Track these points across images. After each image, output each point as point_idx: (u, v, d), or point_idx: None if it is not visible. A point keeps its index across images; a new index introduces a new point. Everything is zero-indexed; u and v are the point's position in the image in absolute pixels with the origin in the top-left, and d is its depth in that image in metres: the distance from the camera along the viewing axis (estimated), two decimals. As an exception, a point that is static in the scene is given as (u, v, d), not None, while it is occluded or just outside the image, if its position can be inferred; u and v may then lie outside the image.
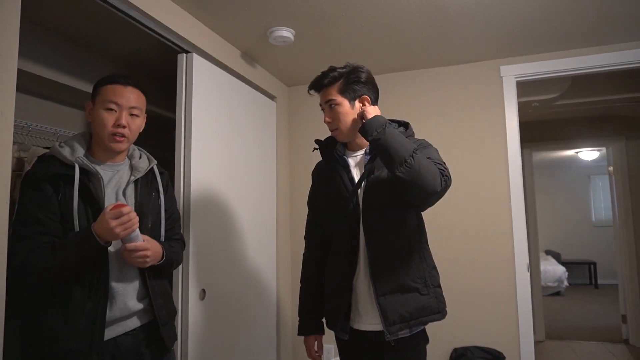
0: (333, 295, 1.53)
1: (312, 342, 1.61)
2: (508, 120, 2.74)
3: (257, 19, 2.18)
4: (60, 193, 1.27)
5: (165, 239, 1.50)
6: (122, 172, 1.45)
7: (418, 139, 1.54)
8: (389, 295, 1.41)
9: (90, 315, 1.25)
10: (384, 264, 1.43)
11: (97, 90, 1.40)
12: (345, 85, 1.47)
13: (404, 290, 1.42)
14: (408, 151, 1.29)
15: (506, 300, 2.64)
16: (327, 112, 1.51)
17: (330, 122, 1.50)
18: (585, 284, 8.00)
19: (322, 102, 1.52)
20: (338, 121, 1.48)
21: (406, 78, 2.98)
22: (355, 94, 1.48)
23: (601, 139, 4.58)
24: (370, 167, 1.48)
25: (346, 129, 1.49)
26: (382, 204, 1.45)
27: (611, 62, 2.57)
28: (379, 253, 1.44)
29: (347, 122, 1.48)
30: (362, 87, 1.49)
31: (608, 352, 4.10)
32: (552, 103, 3.73)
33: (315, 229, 1.68)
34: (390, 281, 1.42)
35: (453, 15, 2.19)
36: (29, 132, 1.89)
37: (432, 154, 1.44)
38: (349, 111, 1.47)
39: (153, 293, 1.41)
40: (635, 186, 4.33)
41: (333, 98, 1.47)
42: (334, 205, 1.54)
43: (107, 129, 1.36)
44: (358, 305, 1.47)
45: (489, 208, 2.73)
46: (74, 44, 2.28)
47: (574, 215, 8.35)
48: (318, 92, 1.53)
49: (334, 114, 1.48)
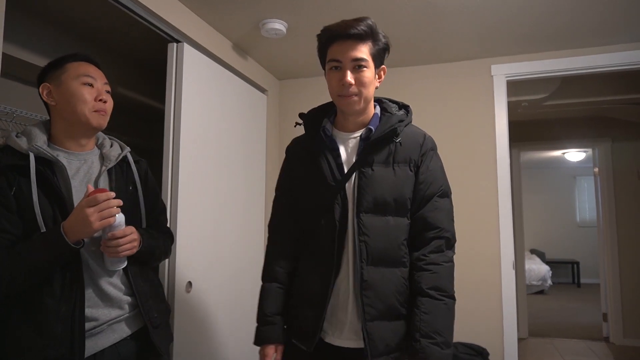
0: (306, 304, 1.27)
1: (271, 353, 1.30)
2: (497, 119, 2.75)
3: (249, 10, 2.15)
4: (15, 186, 1.11)
5: None
6: (92, 162, 1.28)
7: (425, 141, 1.32)
8: (379, 320, 1.19)
9: (66, 319, 1.10)
10: (376, 279, 1.20)
11: (62, 67, 1.24)
12: (374, 45, 1.22)
13: (393, 316, 1.21)
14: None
15: (491, 297, 2.67)
16: (349, 72, 1.20)
17: (353, 85, 1.21)
18: (568, 282, 8.14)
19: (343, 58, 1.20)
20: (362, 86, 1.21)
21: (396, 74, 2.97)
22: (380, 61, 1.26)
23: (587, 140, 4.64)
24: (364, 157, 1.25)
25: (366, 99, 1.24)
26: (378, 204, 1.23)
27: (600, 64, 2.59)
28: (370, 261, 1.21)
29: (370, 92, 1.24)
30: (385, 56, 1.27)
31: (589, 349, 4.18)
32: (541, 103, 3.77)
33: (286, 218, 1.38)
34: (380, 302, 1.20)
35: (446, 12, 2.19)
36: (13, 118, 1.85)
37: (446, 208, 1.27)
38: (372, 79, 1.24)
39: (140, 294, 1.27)
40: (619, 187, 4.40)
41: (365, 57, 1.20)
42: (316, 195, 1.29)
43: (89, 104, 1.22)
44: (335, 318, 1.25)
45: (477, 206, 2.75)
46: (63, 31, 2.23)
47: (559, 215, 8.47)
48: (334, 43, 1.23)
49: (359, 76, 1.21)
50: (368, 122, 1.30)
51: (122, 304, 1.24)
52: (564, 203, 8.50)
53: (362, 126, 1.30)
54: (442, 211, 1.26)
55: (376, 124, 1.28)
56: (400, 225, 1.24)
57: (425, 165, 1.28)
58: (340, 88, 1.22)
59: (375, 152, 1.25)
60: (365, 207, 1.23)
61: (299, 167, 1.37)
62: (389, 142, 1.26)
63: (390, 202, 1.23)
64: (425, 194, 1.26)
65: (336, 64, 1.23)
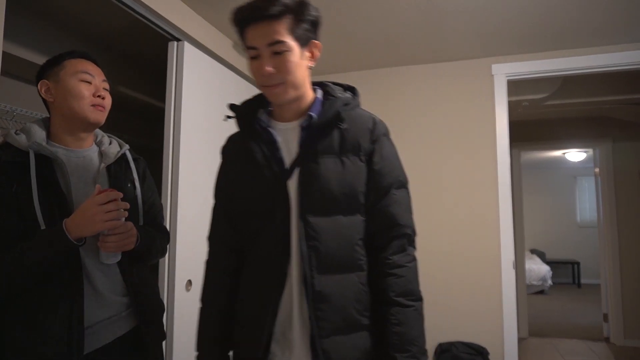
0: (249, 321, 1.11)
1: None
2: (498, 119, 2.75)
3: (250, 9, 2.15)
4: (15, 183, 1.10)
5: None
6: (91, 159, 1.28)
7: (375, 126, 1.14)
8: (335, 335, 1.03)
9: (65, 318, 1.09)
10: (331, 288, 1.05)
11: (60, 64, 1.24)
12: (296, 22, 1.03)
13: (352, 328, 1.06)
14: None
15: (491, 296, 2.67)
16: (267, 59, 1.02)
17: (274, 73, 1.03)
18: (569, 283, 8.13)
19: (258, 44, 1.03)
20: (286, 73, 1.03)
21: (397, 74, 2.97)
22: (307, 38, 1.07)
23: (588, 140, 4.64)
24: (307, 148, 1.09)
25: (294, 86, 1.06)
26: (325, 201, 1.06)
27: (601, 64, 2.59)
28: (321, 269, 1.05)
29: (298, 76, 1.06)
30: (314, 30, 1.09)
31: (589, 349, 4.18)
32: (541, 103, 3.77)
33: (226, 228, 1.19)
34: (337, 314, 1.04)
35: (447, 11, 2.18)
36: (14, 117, 1.85)
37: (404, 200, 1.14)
38: (299, 61, 1.05)
39: (134, 294, 1.26)
40: (620, 188, 4.39)
41: (282, 40, 1.01)
42: (253, 198, 1.12)
43: (87, 100, 1.23)
44: (284, 336, 1.08)
45: (477, 206, 2.75)
46: (63, 30, 2.23)
47: (559, 215, 8.46)
48: (247, 27, 1.04)
49: (280, 62, 1.02)
50: (308, 109, 1.12)
51: (116, 303, 1.24)
52: (564, 203, 8.49)
53: (302, 114, 1.12)
54: (401, 205, 1.12)
55: (318, 109, 1.11)
56: (353, 223, 1.09)
57: (379, 153, 1.12)
58: (261, 79, 1.06)
59: (319, 141, 1.09)
60: (311, 207, 1.06)
61: (235, 167, 1.19)
62: (334, 129, 1.10)
63: (339, 198, 1.07)
64: (380, 187, 1.11)
65: (253, 53, 1.04)
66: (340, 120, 1.10)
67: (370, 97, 3.01)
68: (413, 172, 2.89)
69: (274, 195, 1.08)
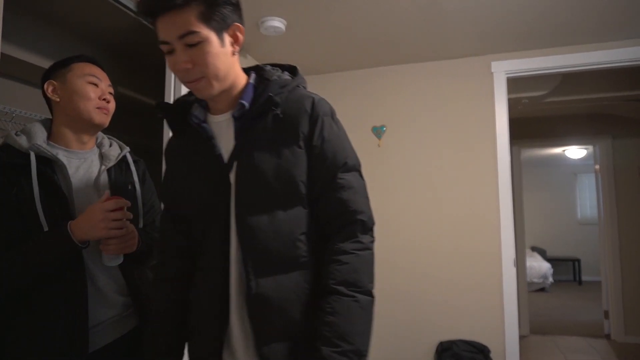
0: (199, 330, 1.03)
1: None
2: (498, 117, 2.75)
3: (248, 8, 2.15)
4: (16, 186, 1.10)
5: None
6: (91, 161, 1.29)
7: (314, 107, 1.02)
8: (277, 342, 0.94)
9: (68, 320, 1.09)
10: (270, 291, 0.95)
11: (68, 66, 1.26)
12: (208, 8, 0.92)
13: (295, 333, 0.96)
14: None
15: (492, 294, 2.67)
16: (181, 53, 0.93)
17: (191, 68, 0.93)
18: (570, 280, 8.13)
19: (167, 37, 0.92)
20: (204, 66, 0.93)
21: (397, 72, 2.97)
22: (225, 23, 0.95)
23: (588, 137, 4.63)
24: (241, 140, 1.00)
25: (217, 78, 0.96)
26: (261, 196, 0.98)
27: (601, 60, 2.59)
28: (259, 271, 0.96)
29: (220, 67, 0.95)
30: (232, 11, 0.97)
31: (590, 346, 4.18)
32: (541, 100, 3.76)
33: (174, 234, 1.10)
34: (278, 318, 0.95)
35: (447, 9, 2.18)
36: (13, 118, 1.84)
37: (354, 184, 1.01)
38: (219, 50, 0.94)
39: (135, 295, 1.26)
40: (620, 185, 4.39)
41: (193, 30, 0.90)
42: (196, 198, 1.04)
43: (93, 102, 1.24)
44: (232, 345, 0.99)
45: (478, 203, 2.75)
46: (62, 31, 2.23)
47: (559, 212, 8.46)
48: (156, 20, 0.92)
49: (197, 55, 0.92)
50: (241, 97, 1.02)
51: (119, 303, 1.24)
52: (564, 200, 8.48)
53: (232, 103, 1.03)
54: (350, 189, 0.99)
55: (250, 96, 1.01)
56: (293, 217, 0.98)
57: (319, 135, 1.00)
58: (179, 75, 0.97)
59: (253, 132, 1.00)
60: (247, 203, 0.98)
61: (177, 169, 1.11)
62: (268, 116, 1.00)
63: (277, 191, 0.97)
64: (324, 172, 0.99)
65: (166, 47, 0.94)
66: (275, 105, 0.99)
67: (369, 96, 3.01)
68: (413, 170, 2.90)
69: (215, 195, 1.00)
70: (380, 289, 3.07)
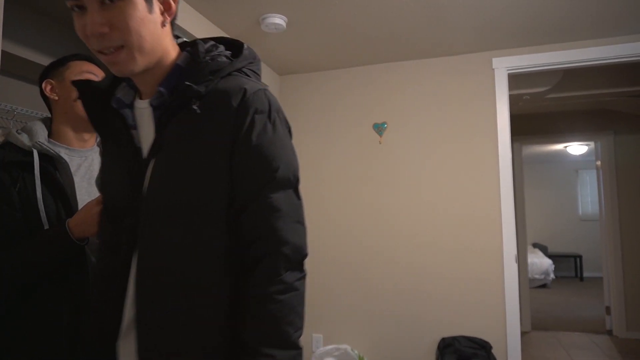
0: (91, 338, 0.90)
1: None
2: (499, 113, 2.74)
3: (249, 5, 2.14)
4: (19, 183, 1.10)
5: None
6: (92, 159, 1.29)
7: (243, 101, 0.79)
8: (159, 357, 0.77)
9: (72, 316, 1.08)
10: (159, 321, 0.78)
11: (65, 65, 1.26)
12: None
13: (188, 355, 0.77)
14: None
15: (494, 291, 2.67)
16: (95, 13, 0.73)
17: (108, 33, 0.73)
18: (571, 276, 8.13)
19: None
20: (125, 31, 0.74)
21: (398, 68, 2.97)
22: None
23: (590, 133, 4.63)
24: (159, 136, 0.82)
25: (142, 50, 0.77)
26: (168, 208, 0.79)
27: (603, 56, 2.58)
28: (153, 300, 0.78)
29: (145, 36, 0.76)
30: None
31: (592, 342, 4.18)
32: (543, 96, 3.75)
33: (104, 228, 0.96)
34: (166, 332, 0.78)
35: (447, 5, 2.17)
36: (14, 116, 1.85)
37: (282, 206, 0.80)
38: (145, 16, 0.75)
39: None
40: (622, 181, 4.39)
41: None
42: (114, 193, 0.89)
43: None
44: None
45: (479, 200, 2.75)
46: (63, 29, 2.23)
47: (561, 209, 8.46)
48: None
49: (115, 16, 0.73)
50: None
51: None
52: (566, 196, 8.48)
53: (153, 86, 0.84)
54: (275, 213, 0.79)
55: (173, 82, 0.83)
56: (203, 239, 0.78)
57: (244, 138, 0.79)
58: (90, 42, 0.75)
59: (173, 125, 0.81)
60: (152, 214, 0.80)
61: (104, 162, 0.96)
62: (190, 109, 0.80)
63: (186, 205, 0.79)
64: (245, 187, 0.79)
65: (74, 2, 0.73)
66: (196, 97, 0.79)
67: (370, 93, 3.01)
68: (414, 166, 2.91)
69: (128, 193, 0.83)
70: (381, 286, 3.09)
